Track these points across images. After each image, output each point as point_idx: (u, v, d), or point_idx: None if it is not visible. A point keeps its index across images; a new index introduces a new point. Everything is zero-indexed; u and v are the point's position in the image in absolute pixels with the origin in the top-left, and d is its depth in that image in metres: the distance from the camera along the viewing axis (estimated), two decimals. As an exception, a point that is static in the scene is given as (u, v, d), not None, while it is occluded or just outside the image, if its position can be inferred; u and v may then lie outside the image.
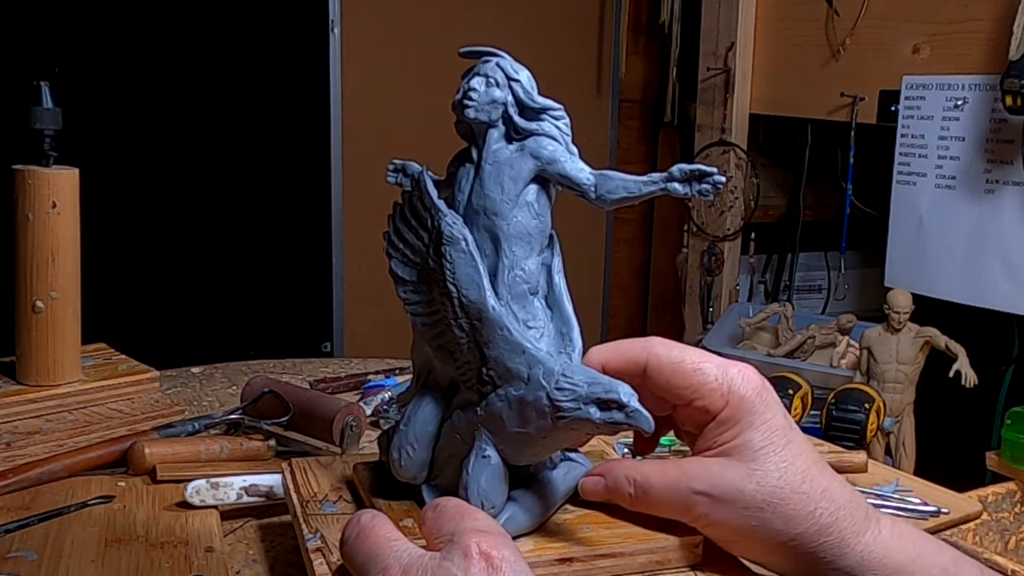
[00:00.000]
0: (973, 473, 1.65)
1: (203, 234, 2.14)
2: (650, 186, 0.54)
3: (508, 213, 0.55)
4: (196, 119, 2.09)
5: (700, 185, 0.54)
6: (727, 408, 0.54)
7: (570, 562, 0.54)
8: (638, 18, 2.76)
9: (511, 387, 0.53)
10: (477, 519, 0.46)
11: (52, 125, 0.91)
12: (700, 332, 2.37)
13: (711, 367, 0.55)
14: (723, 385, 0.54)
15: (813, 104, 2.13)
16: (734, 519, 0.53)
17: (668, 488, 0.55)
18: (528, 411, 0.52)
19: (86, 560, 0.65)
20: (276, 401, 0.89)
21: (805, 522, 0.52)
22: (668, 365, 0.55)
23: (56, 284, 0.92)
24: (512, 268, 0.55)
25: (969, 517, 0.86)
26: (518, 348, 0.52)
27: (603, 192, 0.55)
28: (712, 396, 0.54)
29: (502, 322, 0.52)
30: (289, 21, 2.17)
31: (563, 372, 0.51)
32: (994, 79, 1.71)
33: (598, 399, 0.50)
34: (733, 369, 0.55)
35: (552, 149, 0.56)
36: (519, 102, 0.56)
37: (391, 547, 0.45)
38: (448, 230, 0.53)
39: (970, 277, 1.83)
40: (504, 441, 0.54)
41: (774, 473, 0.53)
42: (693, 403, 0.55)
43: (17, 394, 0.91)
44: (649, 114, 2.81)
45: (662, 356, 0.55)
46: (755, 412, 0.54)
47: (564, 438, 0.54)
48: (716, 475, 0.53)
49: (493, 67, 0.56)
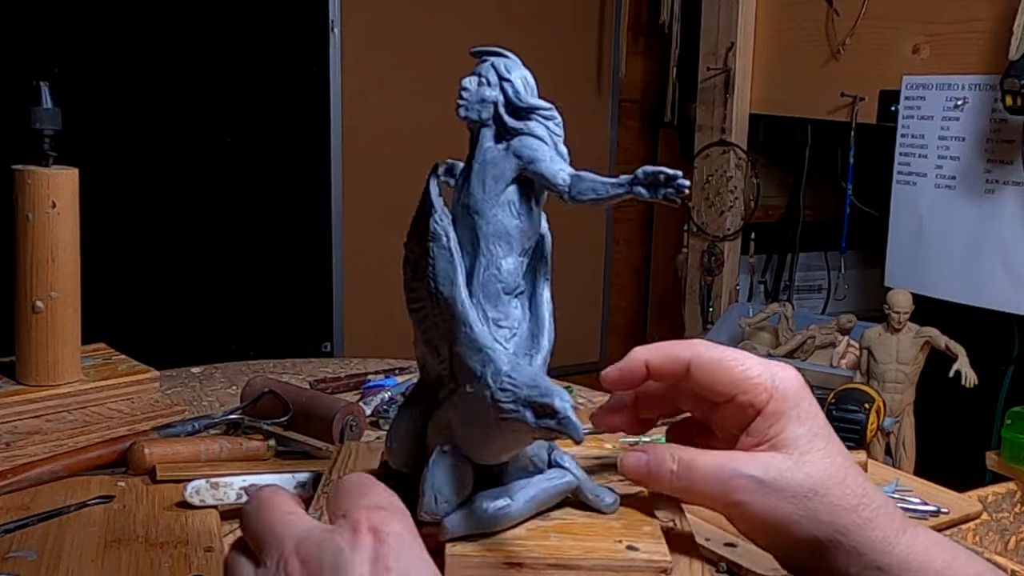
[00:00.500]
0: (973, 473, 1.65)
1: (203, 234, 2.14)
2: (617, 188, 0.53)
3: (488, 212, 0.55)
4: (196, 119, 2.09)
5: (665, 190, 0.52)
6: (772, 402, 0.54)
7: (519, 567, 0.52)
8: (638, 18, 2.76)
9: (468, 384, 0.53)
10: (376, 495, 0.44)
11: (52, 125, 0.91)
12: (700, 332, 2.37)
13: (755, 363, 0.55)
14: (767, 380, 0.54)
15: (813, 104, 2.13)
16: (780, 507, 0.53)
17: (714, 468, 0.54)
18: (475, 410, 0.52)
19: (86, 560, 0.65)
20: (276, 401, 0.89)
21: (851, 514, 0.52)
22: (712, 362, 0.55)
23: (56, 284, 0.92)
24: (488, 267, 0.55)
25: (969, 517, 0.86)
26: (476, 346, 0.52)
27: (575, 193, 0.54)
28: (756, 391, 0.54)
29: (466, 319, 0.53)
30: (289, 21, 2.17)
31: (508, 373, 0.51)
32: (994, 79, 1.71)
33: (534, 403, 0.50)
34: (776, 367, 0.55)
35: (534, 149, 0.55)
36: (509, 102, 0.56)
37: (287, 520, 0.44)
38: (433, 226, 0.54)
39: (970, 277, 1.83)
40: (461, 438, 0.54)
41: (820, 465, 0.53)
42: (736, 398, 0.55)
43: (17, 394, 0.91)
44: (649, 114, 2.81)
45: (704, 355, 0.56)
46: (800, 407, 0.54)
47: (513, 440, 0.53)
48: (765, 461, 0.53)
49: (487, 67, 0.57)
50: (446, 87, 0.60)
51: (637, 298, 2.91)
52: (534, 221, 0.57)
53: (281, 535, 0.43)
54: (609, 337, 2.88)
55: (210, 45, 2.08)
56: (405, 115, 2.38)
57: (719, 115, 2.32)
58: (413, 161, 2.34)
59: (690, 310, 2.46)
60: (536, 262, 0.58)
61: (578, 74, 2.68)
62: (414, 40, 2.38)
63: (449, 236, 0.54)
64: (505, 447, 0.54)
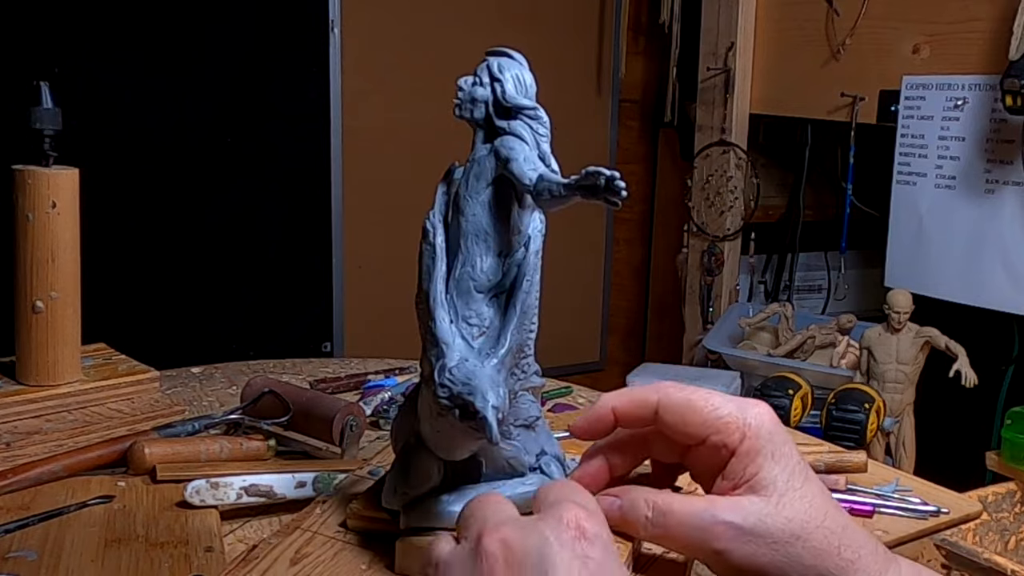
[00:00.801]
0: (973, 473, 1.66)
1: (203, 234, 2.14)
2: (567, 190, 0.52)
3: (467, 210, 0.55)
4: (196, 119, 2.09)
5: (605, 194, 0.51)
6: (745, 441, 0.52)
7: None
8: (638, 18, 2.76)
9: (428, 379, 0.53)
10: (583, 496, 0.47)
11: (52, 125, 0.91)
12: (700, 332, 2.37)
13: (724, 401, 0.53)
14: (739, 419, 0.52)
15: (813, 104, 2.13)
16: (761, 554, 0.51)
17: (691, 515, 0.52)
18: (425, 404, 0.53)
19: (86, 560, 0.65)
20: (276, 401, 0.89)
21: (834, 557, 0.51)
22: (681, 403, 0.54)
23: (56, 284, 0.92)
24: (464, 264, 0.55)
25: (969, 517, 0.85)
26: (435, 340, 0.53)
27: (536, 192, 0.54)
28: (728, 430, 0.52)
29: (433, 313, 0.53)
30: (289, 21, 2.17)
31: (451, 369, 0.51)
32: (994, 79, 1.71)
33: (462, 402, 0.50)
34: (747, 404, 0.53)
35: (511, 148, 0.55)
36: (497, 101, 0.56)
37: (495, 506, 0.47)
38: (424, 223, 0.55)
39: (970, 277, 1.83)
40: (424, 433, 0.55)
41: (800, 507, 0.51)
42: (709, 439, 0.53)
43: (17, 394, 0.91)
44: (649, 114, 2.81)
45: (673, 395, 0.54)
46: (774, 444, 0.52)
47: (456, 436, 0.53)
48: (744, 507, 0.51)
49: (483, 67, 0.57)
50: (446, 87, 0.60)
51: (637, 298, 2.91)
52: (516, 222, 0.56)
53: (484, 516, 0.45)
54: (609, 337, 2.88)
55: (210, 45, 2.08)
56: (405, 115, 2.38)
57: (719, 115, 2.32)
58: (413, 161, 2.37)
59: (690, 310, 2.46)
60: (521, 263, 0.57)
61: (578, 74, 2.68)
62: (414, 40, 2.39)
63: (435, 233, 0.54)
64: (451, 442, 0.54)
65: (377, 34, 2.33)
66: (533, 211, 0.57)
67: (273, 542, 0.60)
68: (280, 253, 2.24)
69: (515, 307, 0.55)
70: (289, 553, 0.59)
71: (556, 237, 0.60)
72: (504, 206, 0.56)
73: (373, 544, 0.60)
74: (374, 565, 0.58)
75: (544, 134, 0.56)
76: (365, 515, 0.61)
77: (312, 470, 0.76)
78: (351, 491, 0.67)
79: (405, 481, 0.56)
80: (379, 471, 0.70)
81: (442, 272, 0.54)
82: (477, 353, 0.53)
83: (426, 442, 0.55)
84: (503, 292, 0.56)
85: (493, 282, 0.56)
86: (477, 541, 0.44)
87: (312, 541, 0.60)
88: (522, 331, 0.55)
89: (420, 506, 0.56)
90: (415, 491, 0.56)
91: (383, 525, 0.60)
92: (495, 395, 0.50)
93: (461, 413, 0.50)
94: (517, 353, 0.56)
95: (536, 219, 0.57)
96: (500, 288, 0.56)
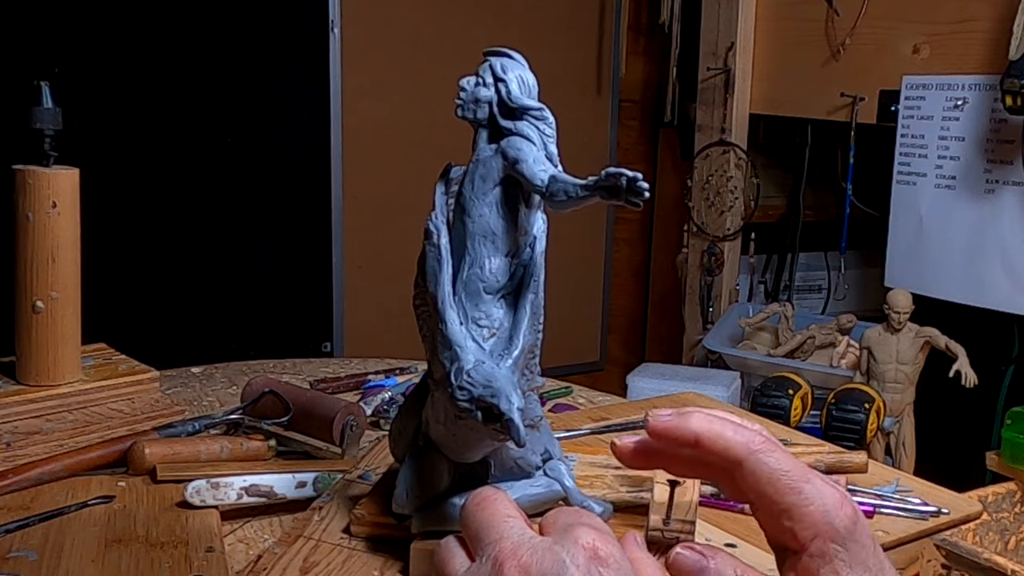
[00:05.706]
0: (973, 473, 1.66)
1: (203, 234, 2.14)
2: (584, 191, 0.52)
3: (474, 211, 0.55)
4: (196, 119, 2.09)
5: (627, 195, 0.51)
6: (816, 541, 0.48)
7: None
8: (638, 18, 2.76)
9: (441, 382, 0.53)
10: (594, 520, 0.46)
11: (52, 125, 0.91)
12: (700, 332, 2.37)
13: (814, 490, 0.48)
14: (820, 517, 0.48)
15: (813, 104, 2.13)
16: None
17: None
18: (440, 407, 0.53)
19: (86, 560, 0.65)
20: (276, 401, 0.89)
21: None
22: (771, 475, 0.49)
23: (56, 284, 0.92)
24: (472, 265, 0.55)
25: (969, 517, 0.85)
26: (447, 343, 0.53)
27: (550, 193, 0.54)
28: (803, 523, 0.48)
29: (443, 316, 0.53)
30: (289, 21, 2.17)
31: (469, 372, 0.51)
32: (994, 79, 1.71)
33: (485, 404, 0.50)
34: (835, 500, 0.49)
35: (519, 149, 0.55)
36: (502, 102, 0.56)
37: (507, 523, 0.45)
38: (426, 224, 0.55)
39: (970, 277, 1.83)
40: (435, 435, 0.54)
41: None
42: (780, 519, 0.49)
43: (17, 394, 0.91)
44: (649, 114, 2.81)
45: (764, 462, 0.49)
46: (851, 550, 0.48)
47: (473, 438, 0.53)
48: None
49: (485, 67, 0.56)
50: (446, 87, 0.60)
51: (637, 298, 2.91)
52: (523, 222, 0.56)
53: (500, 536, 0.44)
54: (609, 337, 2.88)
55: (210, 45, 2.08)
56: (405, 115, 2.38)
57: (719, 115, 2.32)
58: (413, 161, 2.36)
59: (690, 310, 2.46)
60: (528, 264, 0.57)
61: (578, 74, 2.68)
62: (414, 40, 2.39)
63: (440, 234, 0.54)
64: (468, 445, 0.54)
65: (377, 34, 2.33)
66: (537, 211, 0.57)
67: (278, 552, 0.60)
68: (280, 253, 2.24)
69: (525, 308, 0.55)
70: (297, 562, 0.59)
71: (556, 237, 0.60)
72: (512, 207, 0.56)
73: (381, 549, 0.60)
74: (387, 571, 0.58)
75: (551, 135, 0.56)
76: (372, 521, 0.61)
77: (312, 470, 0.76)
78: (346, 495, 0.67)
79: (420, 486, 0.55)
80: (369, 476, 0.70)
81: (449, 274, 0.54)
82: (489, 355, 0.53)
83: (438, 445, 0.54)
84: (510, 293, 0.56)
85: (502, 283, 0.56)
86: (495, 566, 0.43)
87: (318, 549, 0.60)
88: (533, 332, 0.55)
89: (430, 509, 0.56)
90: (432, 494, 0.55)
91: (391, 530, 0.59)
92: (518, 397, 0.50)
93: (484, 416, 0.50)
94: (527, 354, 0.56)
95: (539, 219, 0.57)
96: (508, 289, 0.56)
